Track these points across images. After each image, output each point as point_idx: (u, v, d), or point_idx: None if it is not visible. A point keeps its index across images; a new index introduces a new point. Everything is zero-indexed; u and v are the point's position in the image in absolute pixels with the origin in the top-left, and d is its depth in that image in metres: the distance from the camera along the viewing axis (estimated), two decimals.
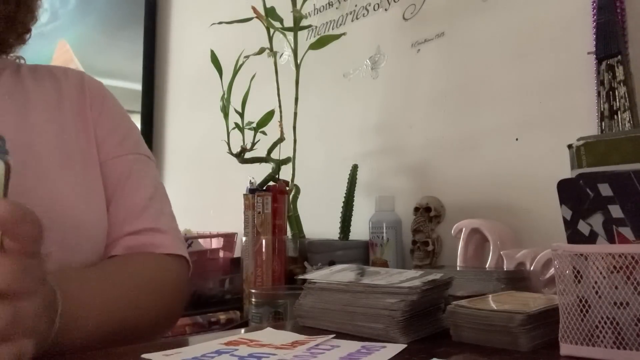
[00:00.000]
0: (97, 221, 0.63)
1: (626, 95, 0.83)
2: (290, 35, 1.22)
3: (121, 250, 0.64)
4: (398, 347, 0.49)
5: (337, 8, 1.37)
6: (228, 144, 1.24)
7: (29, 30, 0.73)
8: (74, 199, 0.61)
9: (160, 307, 0.62)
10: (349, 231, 1.17)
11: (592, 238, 0.46)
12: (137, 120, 2.00)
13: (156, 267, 0.64)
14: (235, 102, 1.24)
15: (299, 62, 1.21)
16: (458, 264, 0.93)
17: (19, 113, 0.64)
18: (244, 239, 1.11)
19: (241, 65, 1.23)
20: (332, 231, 1.19)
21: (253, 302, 0.85)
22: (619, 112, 0.83)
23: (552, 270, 0.74)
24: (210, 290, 1.26)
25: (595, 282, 0.43)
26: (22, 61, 0.74)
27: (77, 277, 0.54)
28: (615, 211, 0.45)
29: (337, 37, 1.21)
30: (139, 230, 0.64)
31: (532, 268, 0.78)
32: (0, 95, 0.64)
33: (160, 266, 0.64)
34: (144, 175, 0.69)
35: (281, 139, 1.22)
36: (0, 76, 0.67)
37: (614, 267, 0.42)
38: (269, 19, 1.21)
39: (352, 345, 0.50)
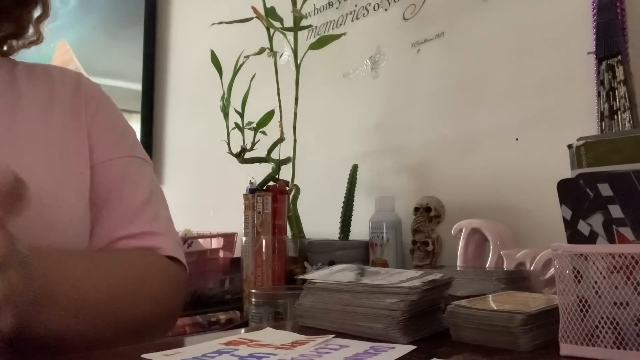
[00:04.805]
0: (78, 218, 0.61)
1: (626, 95, 0.83)
2: (290, 35, 1.22)
3: None
4: (407, 348, 0.48)
5: (337, 8, 1.37)
6: (228, 144, 1.24)
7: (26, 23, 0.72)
8: (52, 186, 0.59)
9: (157, 304, 0.59)
10: (349, 231, 1.17)
11: (592, 238, 0.46)
12: (137, 120, 2.00)
13: (152, 262, 0.61)
14: (235, 102, 1.24)
15: (299, 62, 1.21)
16: (458, 264, 0.93)
17: (6, 111, 0.62)
18: (244, 239, 1.11)
19: (241, 65, 1.23)
20: (332, 231, 1.19)
21: (253, 302, 0.85)
22: (619, 112, 0.83)
23: (552, 270, 0.74)
24: (210, 290, 1.26)
25: (595, 282, 0.43)
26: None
27: (62, 257, 0.50)
28: (615, 211, 0.45)
29: (337, 37, 1.21)
30: (134, 234, 0.62)
31: (532, 268, 0.78)
32: None
33: (156, 263, 0.61)
34: (139, 178, 0.67)
35: (281, 139, 1.22)
36: None
37: (614, 267, 0.42)
38: (269, 19, 1.21)
39: (360, 346, 0.49)
